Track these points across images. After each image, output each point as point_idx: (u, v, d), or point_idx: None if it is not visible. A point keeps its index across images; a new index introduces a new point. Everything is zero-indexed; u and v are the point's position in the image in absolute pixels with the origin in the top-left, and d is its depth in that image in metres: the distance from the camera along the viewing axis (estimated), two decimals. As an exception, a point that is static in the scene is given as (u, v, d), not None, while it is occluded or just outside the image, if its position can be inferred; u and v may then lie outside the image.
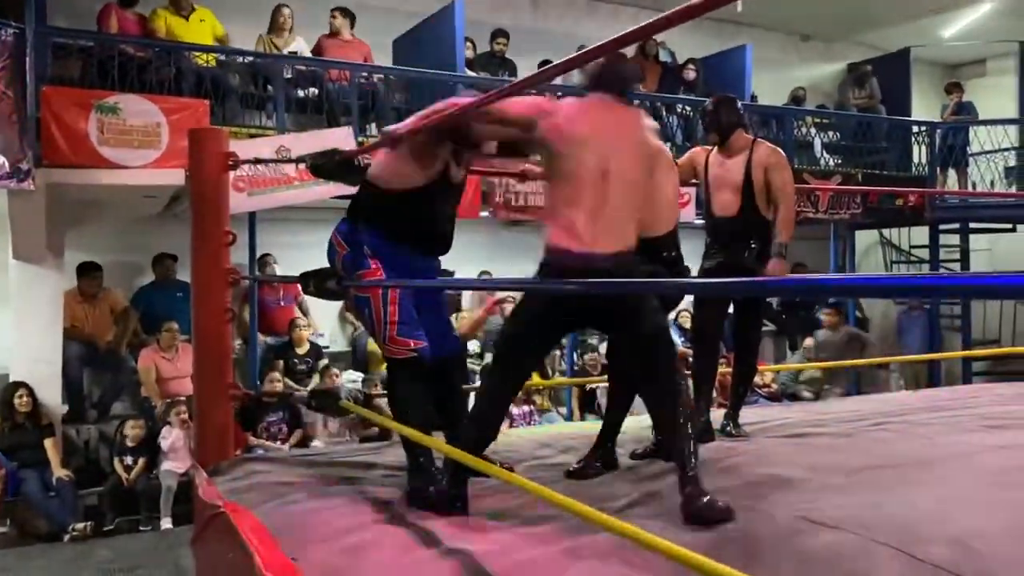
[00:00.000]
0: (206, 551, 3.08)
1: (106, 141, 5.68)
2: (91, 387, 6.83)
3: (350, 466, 3.31)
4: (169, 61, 6.48)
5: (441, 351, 3.07)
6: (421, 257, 3.03)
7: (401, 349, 2.89)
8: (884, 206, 9.09)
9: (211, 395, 3.42)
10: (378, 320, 2.90)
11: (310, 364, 7.18)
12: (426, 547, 2.33)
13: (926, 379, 9.39)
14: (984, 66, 12.03)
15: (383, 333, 2.90)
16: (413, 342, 2.88)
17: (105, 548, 5.37)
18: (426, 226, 2.99)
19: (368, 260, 2.93)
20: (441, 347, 3.07)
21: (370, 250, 2.93)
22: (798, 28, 11.22)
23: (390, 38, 8.34)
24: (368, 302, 2.92)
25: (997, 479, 2.79)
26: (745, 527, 2.30)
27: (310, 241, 6.78)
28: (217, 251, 3.39)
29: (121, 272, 7.38)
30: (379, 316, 2.89)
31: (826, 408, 4.67)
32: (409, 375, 2.91)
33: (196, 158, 3.45)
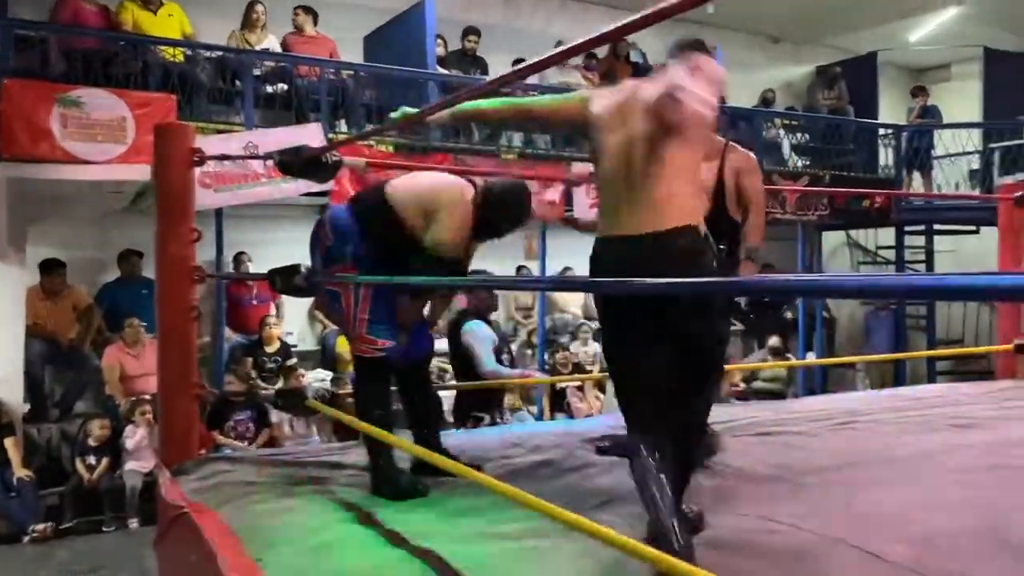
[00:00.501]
0: (169, 552, 3.03)
1: (69, 135, 5.57)
2: (53, 385, 6.71)
3: (317, 466, 3.28)
4: (135, 55, 6.38)
5: (415, 352, 3.07)
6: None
7: (368, 348, 2.89)
8: (851, 207, 9.20)
9: (175, 394, 3.37)
10: (348, 316, 2.90)
11: (279, 363, 7.12)
12: (393, 547, 2.31)
13: (892, 379, 9.52)
14: (949, 70, 12.22)
15: (353, 329, 2.90)
16: (381, 342, 2.88)
17: (66, 549, 5.28)
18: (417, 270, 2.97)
19: (347, 255, 2.91)
20: (416, 347, 3.06)
21: (353, 248, 2.91)
22: (768, 30, 11.32)
23: (360, 34, 8.29)
24: (339, 297, 2.91)
25: (960, 478, 2.82)
26: (710, 528, 2.30)
27: (281, 238, 6.77)
28: (182, 248, 3.35)
29: (85, 269, 7.26)
30: (349, 312, 2.89)
31: (793, 407, 4.71)
32: (374, 374, 2.92)
33: (161, 154, 3.40)
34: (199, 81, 6.63)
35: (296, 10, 7.69)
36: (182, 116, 6.03)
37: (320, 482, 3.01)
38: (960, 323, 10.66)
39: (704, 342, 2.29)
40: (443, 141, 7.26)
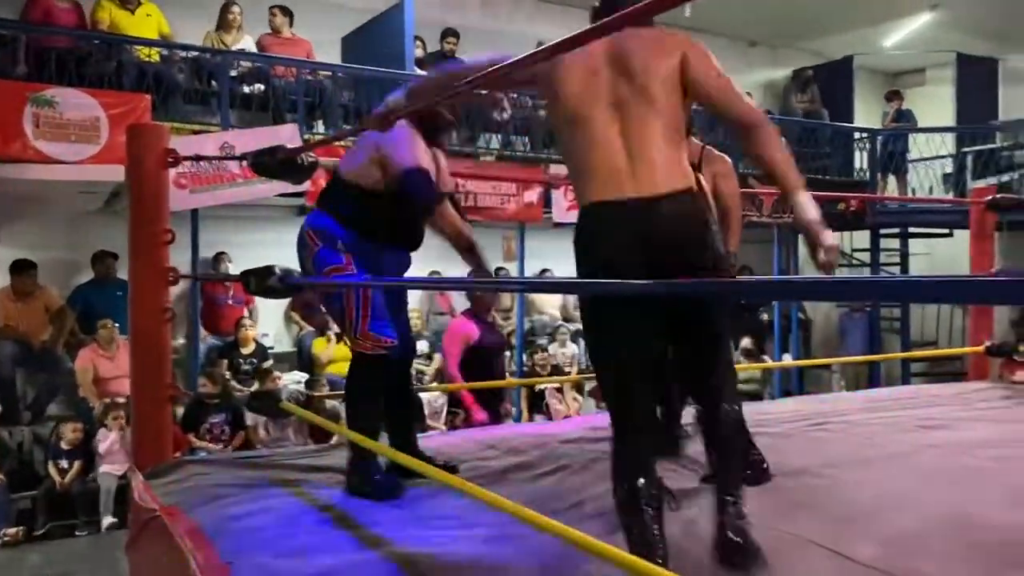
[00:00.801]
0: (141, 556, 3.00)
1: (42, 135, 5.51)
2: (25, 388, 6.63)
3: (291, 468, 3.27)
4: (109, 54, 6.32)
5: (402, 349, 3.08)
6: (394, 251, 3.03)
7: (373, 344, 2.89)
8: (826, 210, 9.22)
9: (149, 396, 3.34)
10: (350, 313, 2.90)
11: (255, 364, 7.08)
12: (368, 549, 2.31)
13: (867, 380, 9.61)
14: (923, 75, 12.35)
15: (355, 326, 2.90)
16: (386, 339, 2.90)
17: (38, 553, 5.23)
18: (406, 228, 2.99)
19: (341, 256, 2.90)
20: (403, 345, 3.07)
21: (344, 246, 2.91)
22: (745, 34, 11.39)
23: (338, 35, 8.27)
24: (340, 298, 2.92)
25: (930, 478, 2.86)
26: (681, 527, 2.32)
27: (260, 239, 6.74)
28: (156, 249, 3.32)
29: (59, 270, 7.18)
30: (351, 309, 2.89)
31: (767, 408, 4.74)
32: (372, 372, 2.93)
33: (134, 154, 3.37)
34: (175, 81, 6.58)
35: (273, 10, 7.65)
36: (157, 116, 5.99)
37: (294, 484, 3.00)
38: (934, 325, 10.78)
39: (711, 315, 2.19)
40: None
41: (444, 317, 8.58)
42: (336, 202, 2.97)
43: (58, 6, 6.58)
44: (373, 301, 2.89)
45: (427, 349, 7.76)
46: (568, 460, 3.22)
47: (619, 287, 2.00)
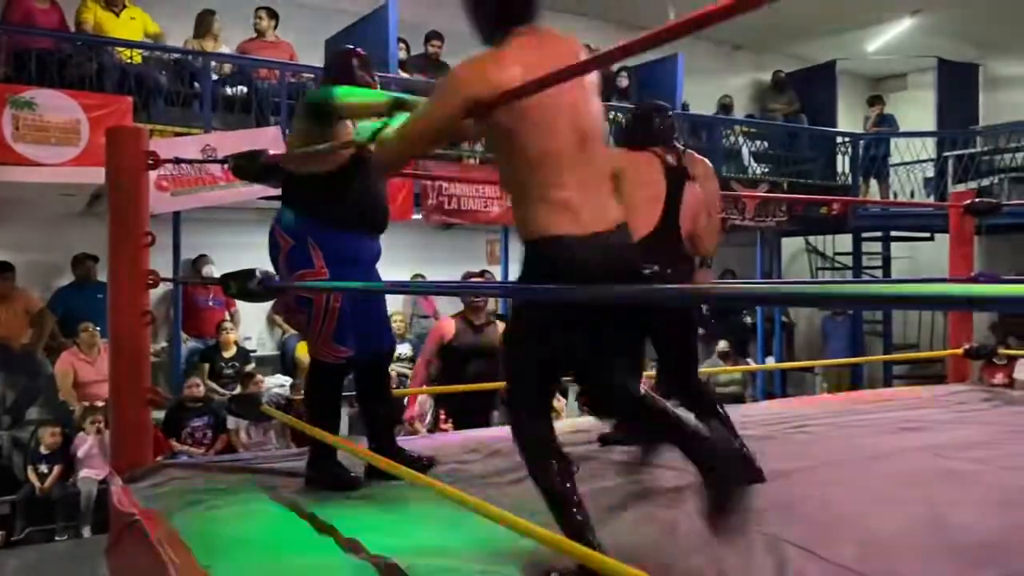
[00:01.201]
0: (120, 561, 2.98)
1: (21, 137, 5.47)
2: (5, 391, 6.58)
3: (272, 472, 3.25)
4: (91, 56, 6.28)
5: (375, 346, 3.08)
6: (364, 237, 3.03)
7: (328, 352, 2.96)
8: (809, 214, 9.34)
9: (128, 400, 3.31)
10: (316, 322, 2.94)
11: (237, 368, 7.04)
12: (347, 553, 2.30)
13: (849, 383, 9.67)
14: (905, 80, 12.46)
15: (319, 335, 2.95)
16: (342, 350, 2.96)
17: (16, 559, 5.18)
18: (359, 202, 2.98)
19: (312, 258, 2.91)
20: (376, 342, 3.08)
21: (314, 241, 2.91)
22: (729, 38, 11.45)
23: (322, 37, 8.24)
24: (310, 304, 2.94)
25: (907, 479, 2.88)
26: (658, 528, 2.33)
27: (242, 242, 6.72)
28: (135, 252, 3.30)
29: (39, 272, 7.13)
30: (318, 319, 2.94)
31: (749, 410, 4.76)
32: (330, 379, 3.01)
33: (113, 157, 3.35)
34: (157, 83, 6.54)
35: (259, 13, 7.62)
36: (139, 119, 5.97)
37: (275, 488, 2.99)
38: (916, 328, 10.86)
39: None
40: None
41: (428, 320, 8.57)
42: (295, 194, 2.99)
43: (38, 7, 6.53)
44: (340, 312, 2.92)
45: (410, 352, 7.74)
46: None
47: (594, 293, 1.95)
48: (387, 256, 3.31)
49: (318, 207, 2.91)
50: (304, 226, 2.92)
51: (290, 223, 2.95)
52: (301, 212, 2.94)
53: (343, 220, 2.93)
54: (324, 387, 3.04)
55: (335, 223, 2.91)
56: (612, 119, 8.94)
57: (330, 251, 2.91)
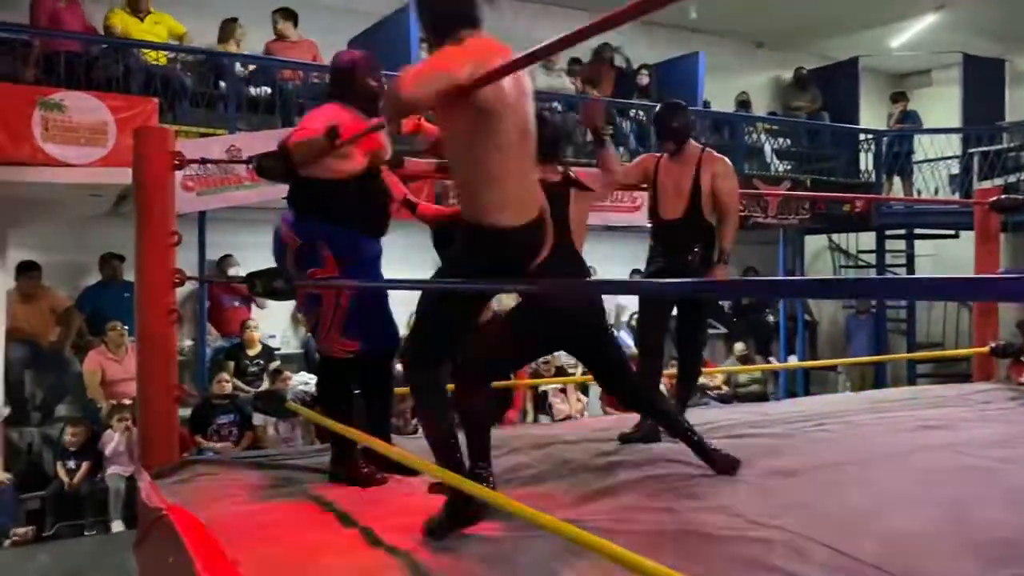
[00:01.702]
0: (149, 555, 3.03)
1: (51, 138, 5.55)
2: (34, 389, 6.68)
3: (297, 468, 3.30)
4: (117, 58, 6.36)
5: (381, 343, 3.13)
6: (368, 238, 3.10)
7: (337, 348, 3.03)
8: (832, 211, 9.27)
9: (155, 397, 3.37)
10: (326, 318, 3.01)
11: (262, 365, 7.12)
12: (370, 548, 2.34)
13: (872, 381, 9.59)
14: (929, 76, 12.33)
15: (327, 331, 3.02)
16: (353, 344, 3.03)
17: (46, 553, 5.26)
18: (369, 208, 3.04)
19: (323, 256, 2.97)
20: (382, 339, 3.12)
21: (324, 240, 2.96)
22: (751, 36, 11.39)
23: (345, 38, 8.29)
24: (319, 300, 3.01)
25: (930, 478, 2.87)
26: (681, 526, 2.34)
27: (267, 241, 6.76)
28: (162, 251, 3.36)
29: (67, 272, 7.23)
30: (328, 315, 3.01)
31: (772, 409, 4.75)
32: (341, 373, 3.09)
33: (140, 157, 3.41)
34: (182, 85, 6.62)
35: (275, 16, 7.68)
36: (164, 120, 6.03)
37: (300, 483, 3.03)
38: (940, 326, 10.75)
39: None
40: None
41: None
42: (304, 197, 3.04)
43: (61, 7, 6.62)
44: (348, 310, 2.99)
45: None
46: (570, 460, 3.24)
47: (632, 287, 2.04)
48: (405, 255, 3.36)
49: (332, 210, 2.96)
50: (313, 226, 2.98)
51: (299, 223, 3.02)
52: (310, 213, 3.00)
53: (355, 223, 3.00)
54: (335, 382, 3.12)
55: (346, 225, 2.98)
56: (633, 117, 8.95)
57: (338, 250, 2.98)
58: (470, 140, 2.29)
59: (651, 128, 8.01)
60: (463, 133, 2.30)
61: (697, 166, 3.71)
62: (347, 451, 3.05)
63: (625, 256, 8.21)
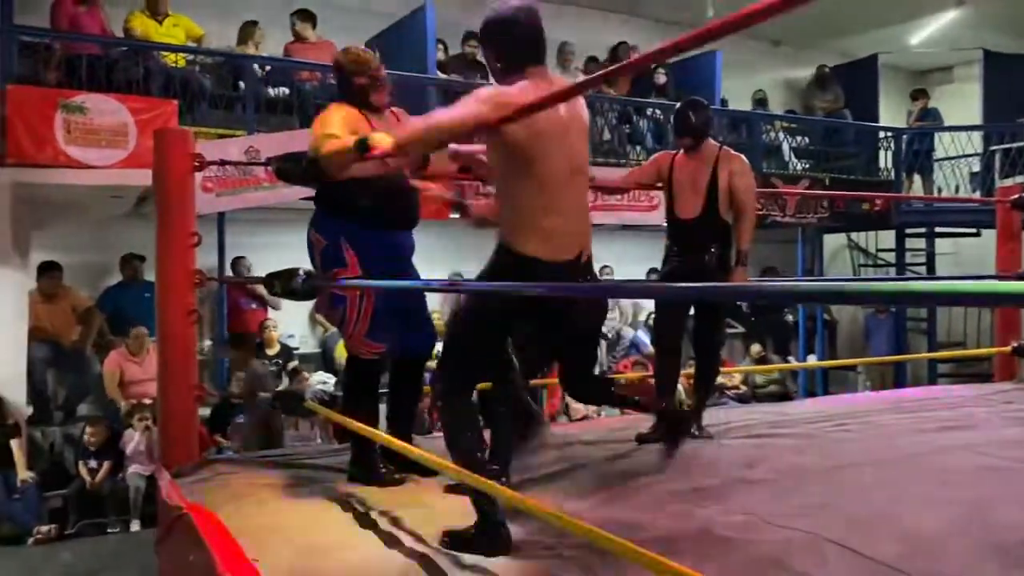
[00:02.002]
0: (169, 553, 3.06)
1: (73, 140, 5.62)
2: (56, 388, 6.75)
3: (316, 467, 3.32)
4: (137, 61, 6.42)
5: (413, 347, 3.14)
6: (396, 233, 3.09)
7: (364, 349, 3.03)
8: (851, 210, 9.22)
9: (176, 397, 3.40)
10: (351, 319, 3.02)
11: (280, 365, 7.16)
12: (389, 548, 2.35)
13: (893, 381, 9.53)
14: (950, 73, 12.23)
15: (353, 331, 3.03)
16: (379, 346, 3.03)
17: (69, 551, 5.31)
18: (389, 201, 3.04)
19: (345, 255, 2.97)
20: (413, 342, 3.13)
21: (347, 240, 2.97)
22: (768, 34, 11.33)
23: (361, 39, 8.32)
24: (344, 301, 3.02)
25: (951, 479, 2.85)
26: (699, 526, 2.33)
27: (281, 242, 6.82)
28: (182, 252, 3.38)
29: (88, 272, 7.31)
30: (352, 316, 3.01)
31: (791, 409, 4.73)
32: (366, 374, 3.09)
33: (161, 159, 3.44)
34: (201, 87, 6.67)
35: (294, 17, 7.72)
36: (184, 121, 6.08)
37: (319, 483, 3.05)
38: (961, 325, 10.67)
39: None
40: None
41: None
42: (327, 197, 3.06)
43: (81, 11, 6.69)
44: (374, 308, 2.99)
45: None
46: (587, 461, 3.24)
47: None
48: (426, 255, 3.37)
49: (348, 207, 2.98)
50: (336, 225, 3.00)
51: (323, 223, 3.03)
52: (332, 212, 3.02)
53: (373, 218, 2.99)
54: (360, 382, 3.12)
55: (365, 221, 2.98)
56: (650, 116, 8.92)
57: (362, 249, 2.98)
58: (504, 172, 2.40)
59: (668, 127, 8.03)
60: (498, 165, 2.42)
61: (714, 164, 3.69)
62: (366, 451, 3.06)
63: (641, 255, 8.20)
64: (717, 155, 3.71)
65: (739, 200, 3.66)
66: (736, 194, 3.65)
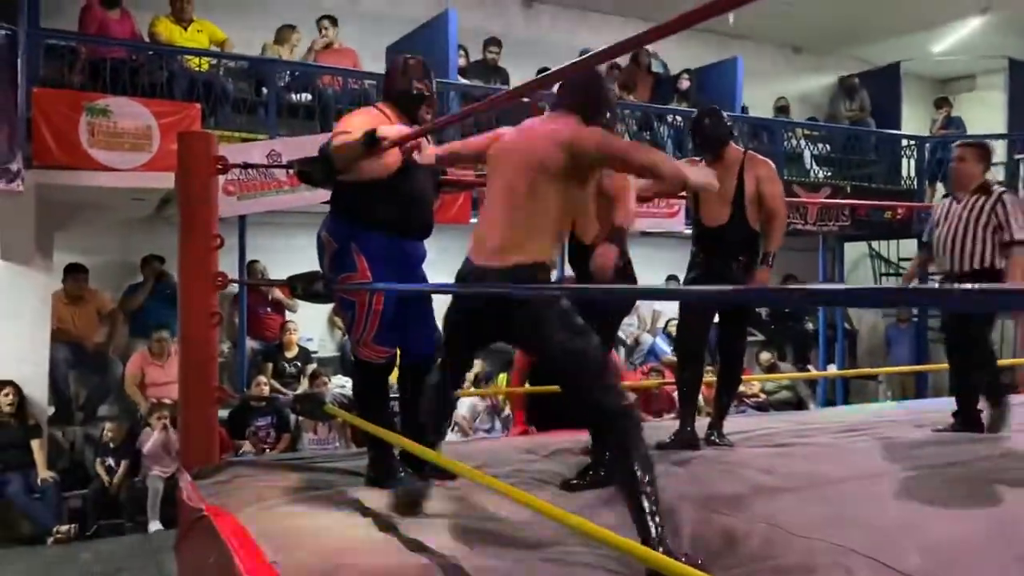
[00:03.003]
0: (189, 555, 3.07)
1: (96, 143, 5.67)
2: (77, 389, 6.80)
3: (335, 471, 3.32)
4: (161, 65, 6.48)
5: (421, 350, 3.14)
6: (407, 242, 3.09)
7: (371, 353, 3.05)
8: (873, 218, 9.15)
9: (196, 398, 3.41)
10: (359, 322, 3.02)
11: (299, 368, 7.19)
12: (409, 552, 2.34)
13: (914, 391, 9.43)
14: (974, 81, 12.12)
15: (361, 336, 3.03)
16: (385, 350, 3.05)
17: (88, 551, 5.35)
18: (403, 209, 3.03)
19: (355, 260, 2.98)
20: (421, 346, 3.13)
21: (357, 245, 2.98)
22: (790, 41, 11.29)
23: (383, 44, 8.37)
24: (353, 306, 3.01)
25: (973, 489, 2.81)
26: (721, 536, 2.31)
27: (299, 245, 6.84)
28: (205, 254, 3.39)
29: (110, 274, 7.37)
30: (361, 319, 3.02)
31: (811, 418, 4.70)
32: (375, 378, 3.10)
33: (185, 162, 3.45)
34: (224, 90, 6.72)
35: (323, 23, 7.76)
36: (207, 125, 6.13)
37: (338, 486, 3.05)
38: (985, 336, 10.54)
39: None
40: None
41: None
42: (341, 200, 3.07)
43: (112, 18, 6.76)
44: (383, 313, 3.00)
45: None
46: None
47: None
48: (442, 259, 3.37)
49: (362, 212, 2.98)
50: (348, 230, 3.00)
51: (335, 227, 3.04)
52: (346, 216, 3.02)
53: (387, 225, 2.99)
54: (368, 386, 3.13)
55: (378, 227, 2.98)
56: (671, 122, 8.90)
57: (373, 254, 2.98)
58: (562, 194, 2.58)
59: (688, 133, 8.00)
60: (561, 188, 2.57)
61: (740, 169, 3.65)
62: (383, 454, 3.07)
63: (662, 261, 8.16)
64: (743, 161, 3.68)
65: (769, 207, 3.62)
66: (765, 200, 3.62)
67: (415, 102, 3.08)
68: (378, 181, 2.94)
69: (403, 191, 3.00)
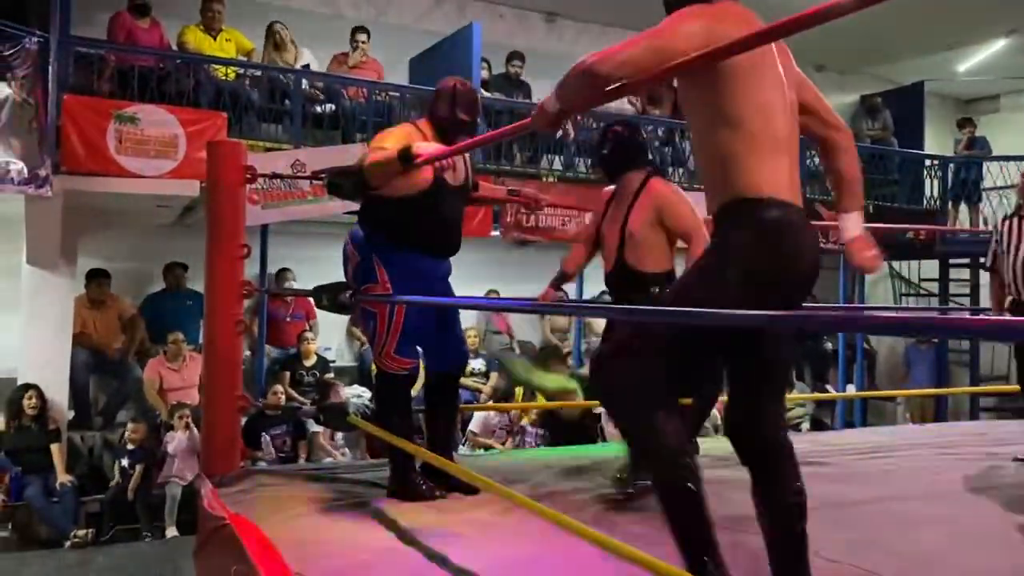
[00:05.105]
0: (209, 563, 3.07)
1: (124, 150, 5.73)
2: (97, 394, 6.84)
3: (356, 482, 3.32)
4: (189, 73, 6.54)
5: (445, 364, 3.14)
6: (431, 259, 3.10)
7: (394, 366, 3.06)
8: (895, 238, 9.09)
9: (220, 405, 3.43)
10: (380, 334, 3.04)
11: (317, 377, 7.19)
12: (430, 563, 2.34)
13: (933, 414, 9.35)
14: (998, 101, 12.06)
15: (382, 347, 3.05)
16: (407, 361, 3.06)
17: (104, 556, 5.35)
18: (430, 229, 3.06)
19: (376, 272, 3.01)
20: (445, 360, 3.14)
21: (380, 258, 3.00)
22: (812, 58, 11.25)
23: (407, 56, 8.41)
24: (374, 316, 3.04)
25: (1000, 516, 2.78)
26: (746, 555, 2.29)
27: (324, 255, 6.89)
28: (232, 263, 3.41)
29: (133, 280, 7.42)
30: (382, 331, 3.04)
31: (834, 439, 4.66)
32: (397, 389, 3.11)
33: (214, 170, 3.48)
34: (250, 100, 6.76)
35: (358, 35, 7.77)
36: (232, 134, 6.17)
37: (359, 498, 3.05)
38: (1005, 359, 10.43)
39: None
40: (484, 163, 7.31)
41: (501, 336, 8.61)
42: (369, 214, 3.09)
43: (140, 27, 6.83)
44: (404, 324, 3.01)
45: (483, 367, 7.79)
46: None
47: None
48: (463, 272, 3.37)
49: (390, 227, 3.01)
50: (371, 243, 3.03)
51: (360, 239, 3.07)
52: (372, 230, 3.04)
53: (412, 242, 3.02)
54: (389, 397, 3.13)
55: (403, 244, 3.01)
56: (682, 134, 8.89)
57: (395, 268, 3.01)
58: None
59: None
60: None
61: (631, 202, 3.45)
62: (405, 467, 3.07)
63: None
64: (637, 190, 3.27)
65: (681, 232, 3.21)
66: (674, 228, 3.22)
67: (455, 128, 3.10)
68: (408, 198, 2.96)
69: (432, 210, 3.02)
